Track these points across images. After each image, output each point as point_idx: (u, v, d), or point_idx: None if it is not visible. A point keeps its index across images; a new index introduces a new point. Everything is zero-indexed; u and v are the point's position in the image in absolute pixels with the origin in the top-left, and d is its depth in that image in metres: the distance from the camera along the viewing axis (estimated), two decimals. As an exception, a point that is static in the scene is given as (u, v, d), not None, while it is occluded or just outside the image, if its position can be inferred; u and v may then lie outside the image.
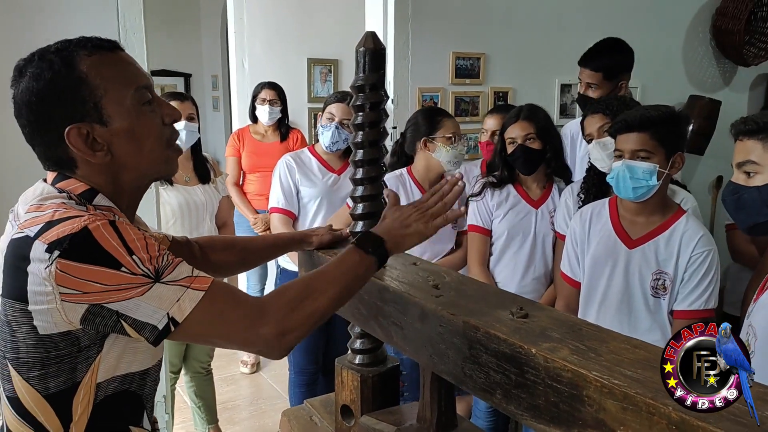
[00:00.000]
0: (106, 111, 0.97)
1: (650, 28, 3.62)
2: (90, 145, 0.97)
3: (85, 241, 0.87)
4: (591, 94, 2.42)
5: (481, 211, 2.27)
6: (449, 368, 1.05)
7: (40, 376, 0.94)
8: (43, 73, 0.95)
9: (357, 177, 1.32)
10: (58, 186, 0.99)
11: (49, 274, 0.87)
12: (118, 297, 0.88)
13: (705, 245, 1.72)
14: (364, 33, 1.30)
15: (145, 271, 0.89)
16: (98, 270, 0.87)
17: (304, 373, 2.61)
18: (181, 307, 0.90)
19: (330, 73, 4.37)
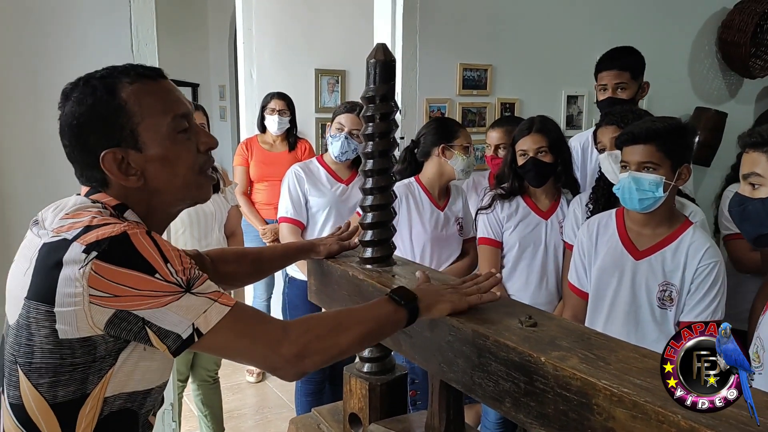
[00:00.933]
0: (141, 138, 1.00)
1: (656, 40, 3.64)
2: (124, 170, 1.00)
3: (123, 245, 0.90)
4: (621, 95, 2.39)
5: (492, 223, 2.27)
6: (458, 376, 1.05)
7: (50, 383, 0.94)
8: (86, 98, 0.99)
9: (367, 186, 1.33)
10: (92, 198, 1.02)
11: (82, 275, 0.89)
12: (148, 304, 0.90)
13: (711, 257, 1.72)
14: (374, 45, 1.32)
15: (177, 280, 0.91)
16: (133, 274, 0.89)
17: (311, 382, 2.62)
18: (207, 319, 0.92)
19: (337, 84, 4.40)
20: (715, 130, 3.94)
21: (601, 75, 2.44)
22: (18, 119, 2.07)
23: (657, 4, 3.71)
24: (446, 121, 2.50)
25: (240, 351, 0.97)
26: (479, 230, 2.31)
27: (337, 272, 1.38)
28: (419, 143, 2.41)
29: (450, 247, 2.41)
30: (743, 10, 3.92)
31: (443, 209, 2.40)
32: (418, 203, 2.34)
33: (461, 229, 2.44)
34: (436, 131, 2.38)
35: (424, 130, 2.44)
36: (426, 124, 2.51)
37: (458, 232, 2.43)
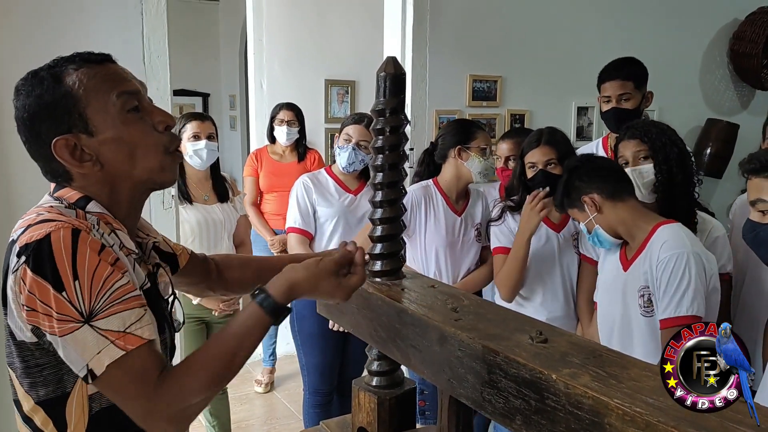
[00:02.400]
0: (91, 121, 0.98)
1: (668, 51, 3.63)
2: (78, 157, 0.98)
3: (43, 251, 0.88)
4: (625, 105, 2.37)
5: (504, 233, 2.25)
6: (468, 392, 1.04)
7: (29, 382, 0.96)
8: (33, 89, 0.98)
9: (376, 199, 1.33)
10: (56, 195, 1.01)
11: (15, 281, 0.90)
12: (52, 328, 0.88)
13: (670, 249, 1.66)
14: (384, 57, 1.32)
15: (79, 306, 0.87)
16: (44, 286, 0.87)
17: (319, 394, 2.61)
18: (100, 361, 0.88)
19: (347, 94, 4.42)
20: (727, 142, 3.92)
21: (604, 86, 2.43)
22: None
23: (668, 16, 3.70)
24: (465, 122, 2.50)
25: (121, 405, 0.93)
26: (492, 241, 2.29)
27: (346, 285, 1.37)
28: (437, 145, 2.41)
29: (466, 253, 2.40)
30: (755, 21, 3.91)
31: (461, 214, 2.39)
32: (435, 206, 2.33)
33: (479, 235, 2.43)
34: (454, 133, 2.38)
35: (442, 132, 2.45)
36: (445, 126, 2.52)
37: (476, 238, 2.42)
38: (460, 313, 1.14)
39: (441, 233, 2.32)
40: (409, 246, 2.35)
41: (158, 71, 2.23)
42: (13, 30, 2.10)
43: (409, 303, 1.20)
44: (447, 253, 2.34)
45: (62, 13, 2.16)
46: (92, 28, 2.18)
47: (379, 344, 1.30)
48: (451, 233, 2.34)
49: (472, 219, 2.42)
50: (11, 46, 2.09)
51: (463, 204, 2.41)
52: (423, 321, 1.13)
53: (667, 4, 3.70)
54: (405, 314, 1.18)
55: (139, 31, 2.21)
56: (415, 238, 2.35)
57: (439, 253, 2.34)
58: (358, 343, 1.53)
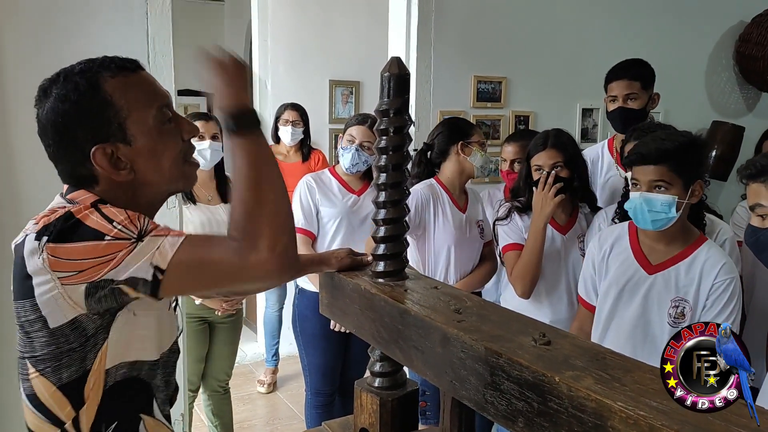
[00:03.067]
0: (130, 131, 1.00)
1: (673, 53, 3.62)
2: (114, 164, 1.00)
3: (68, 221, 0.91)
4: (631, 105, 2.38)
5: (514, 230, 2.24)
6: (470, 394, 1.04)
7: (54, 368, 0.98)
8: (69, 94, 0.98)
9: (380, 200, 1.33)
10: (69, 197, 1.02)
11: (44, 262, 0.91)
12: (109, 266, 0.90)
13: (728, 273, 1.68)
14: (389, 57, 1.32)
15: (127, 233, 0.91)
16: (85, 245, 0.90)
17: (321, 394, 2.61)
18: (162, 253, 0.91)
19: (351, 95, 4.42)
20: (732, 144, 3.90)
21: (610, 86, 2.43)
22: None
23: (673, 18, 3.69)
24: (458, 120, 2.52)
25: (212, 276, 0.93)
26: (501, 239, 2.28)
27: (349, 286, 1.37)
28: (433, 145, 2.41)
29: (473, 249, 2.41)
30: (761, 23, 3.89)
31: (464, 211, 2.39)
32: (442, 204, 2.34)
33: (482, 231, 2.44)
34: (452, 129, 2.39)
35: (437, 131, 2.44)
36: (437, 126, 2.52)
37: (479, 234, 2.43)
38: (463, 315, 1.13)
39: (450, 230, 2.33)
40: (417, 246, 2.36)
41: (163, 71, 2.23)
42: (19, 29, 2.11)
43: (411, 304, 1.20)
44: (456, 250, 2.35)
45: (67, 14, 2.16)
46: (97, 28, 2.19)
47: (382, 345, 1.30)
48: (459, 230, 2.35)
49: (475, 215, 2.43)
50: (17, 45, 2.10)
51: (464, 201, 2.42)
52: (426, 322, 1.13)
53: (673, 6, 3.69)
54: (407, 315, 1.18)
55: (144, 31, 2.22)
56: (424, 238, 2.35)
57: (450, 251, 2.35)
58: (360, 343, 1.53)
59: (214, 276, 0.93)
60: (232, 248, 0.91)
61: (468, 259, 2.40)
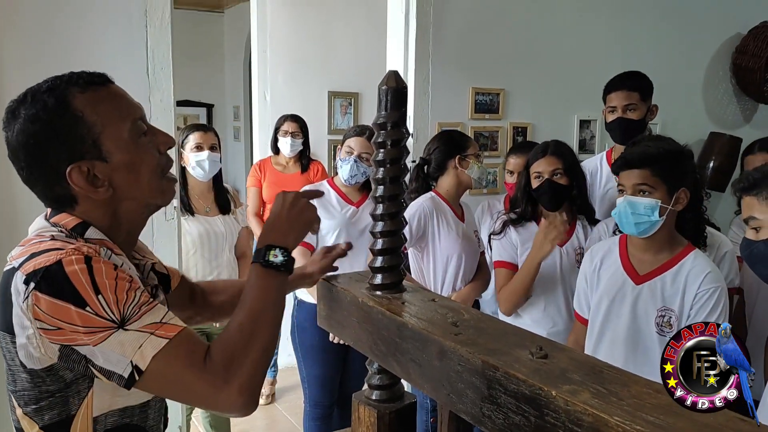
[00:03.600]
0: (105, 147, 0.97)
1: (670, 65, 3.64)
2: (91, 182, 0.97)
3: (56, 274, 0.87)
4: (630, 115, 2.39)
5: (506, 247, 2.26)
6: (467, 408, 1.04)
7: (35, 408, 0.94)
8: (38, 113, 0.94)
9: (377, 212, 1.33)
10: (53, 221, 0.99)
11: (27, 307, 0.87)
12: (85, 340, 0.86)
13: (712, 282, 1.69)
14: (387, 69, 1.32)
15: (109, 315, 0.87)
16: (66, 307, 0.86)
17: (319, 406, 2.60)
18: (143, 354, 0.87)
19: (350, 106, 4.43)
20: (730, 156, 3.91)
21: (610, 96, 2.45)
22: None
23: (670, 30, 3.71)
24: (453, 133, 2.54)
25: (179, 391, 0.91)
26: (494, 253, 2.30)
27: (346, 298, 1.37)
28: (430, 160, 2.42)
29: (475, 259, 2.44)
30: (757, 35, 3.92)
31: (463, 221, 2.42)
32: (444, 216, 2.36)
33: (479, 241, 2.49)
34: (448, 143, 2.41)
35: (433, 146, 2.46)
36: (432, 140, 2.53)
37: (477, 244, 2.47)
38: (460, 328, 1.13)
39: (456, 240, 2.35)
40: (422, 259, 2.38)
41: (162, 83, 2.24)
42: (19, 41, 2.12)
43: (409, 317, 1.20)
44: (464, 259, 2.37)
45: (67, 26, 2.17)
46: (97, 40, 2.20)
47: (379, 358, 1.30)
48: (464, 240, 2.37)
49: (472, 226, 2.45)
50: (17, 57, 2.10)
51: (461, 212, 2.44)
52: (423, 335, 1.13)
53: (670, 18, 3.71)
54: (405, 328, 1.18)
55: (143, 43, 2.23)
56: (428, 250, 2.37)
57: (460, 260, 2.38)
58: (359, 356, 1.53)
59: (182, 394, 0.93)
60: (207, 379, 0.89)
61: (471, 269, 2.43)
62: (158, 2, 2.23)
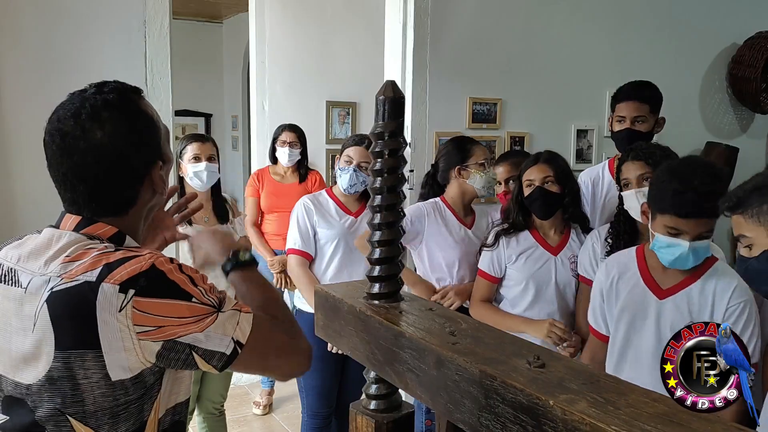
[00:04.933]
0: (163, 149, 1.05)
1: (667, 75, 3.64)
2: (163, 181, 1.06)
3: (157, 276, 0.91)
4: (639, 127, 2.39)
5: (493, 261, 2.25)
6: (465, 417, 1.03)
7: (111, 423, 0.94)
8: (118, 121, 0.97)
9: (375, 222, 1.33)
10: (85, 231, 0.98)
11: (126, 316, 0.88)
12: (191, 329, 0.92)
13: (741, 296, 1.65)
14: (384, 81, 1.33)
15: (210, 300, 0.95)
16: (173, 303, 0.91)
17: (318, 416, 2.59)
18: (242, 329, 0.96)
19: (348, 116, 4.44)
20: (727, 165, 3.92)
21: (619, 106, 2.44)
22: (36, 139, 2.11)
23: (667, 40, 3.74)
24: (460, 141, 2.53)
25: (276, 354, 1.03)
26: (480, 261, 2.31)
27: (344, 308, 1.37)
28: (438, 167, 2.45)
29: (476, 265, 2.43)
30: (753, 45, 3.94)
31: (470, 227, 2.42)
32: (446, 221, 2.38)
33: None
34: (451, 153, 2.44)
35: (440, 154, 2.51)
36: (442, 147, 2.56)
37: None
38: (458, 337, 1.13)
39: (457, 246, 2.37)
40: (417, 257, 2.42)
41: (160, 93, 2.25)
42: (19, 51, 2.13)
43: (406, 326, 1.20)
44: (462, 265, 2.39)
45: (67, 36, 2.18)
46: (96, 50, 2.21)
47: (377, 367, 1.30)
48: (465, 245, 2.38)
49: (481, 233, 2.46)
50: (17, 67, 2.11)
51: (471, 219, 2.46)
52: (420, 344, 1.13)
53: (666, 29, 3.74)
54: (402, 337, 1.18)
55: (142, 53, 2.24)
56: (421, 251, 2.39)
57: (457, 266, 2.40)
58: (357, 365, 1.52)
59: (275, 358, 1.05)
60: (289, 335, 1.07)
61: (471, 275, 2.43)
62: (157, 12, 2.24)
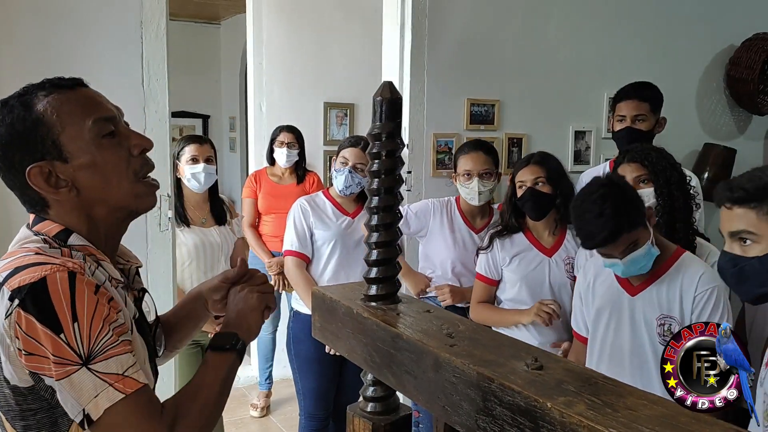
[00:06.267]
0: (66, 147, 0.96)
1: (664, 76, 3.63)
2: (53, 184, 0.97)
3: (39, 294, 0.85)
4: (639, 126, 2.40)
5: (489, 263, 2.27)
6: (463, 420, 1.03)
7: (23, 425, 0.93)
8: (5, 118, 0.96)
9: (372, 223, 1.33)
10: (35, 229, 0.99)
11: (9, 325, 0.86)
12: (51, 371, 0.86)
13: (708, 282, 1.67)
14: (381, 82, 1.33)
15: (78, 348, 0.85)
16: (43, 330, 0.85)
17: (315, 419, 2.58)
18: (98, 405, 0.86)
19: (346, 117, 4.44)
20: (725, 167, 3.93)
21: (619, 105, 2.46)
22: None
23: (664, 41, 3.74)
24: (459, 148, 2.58)
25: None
26: (478, 265, 2.31)
27: (341, 309, 1.36)
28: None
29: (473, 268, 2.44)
30: (750, 47, 3.94)
31: (479, 231, 2.42)
32: (453, 222, 2.38)
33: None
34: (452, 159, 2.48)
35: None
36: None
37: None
38: (456, 339, 1.13)
39: (446, 246, 2.38)
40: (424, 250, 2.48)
41: (157, 94, 2.24)
42: (16, 53, 2.12)
43: (404, 328, 1.19)
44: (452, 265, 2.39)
45: (63, 38, 2.18)
46: (93, 52, 2.20)
47: (374, 370, 1.29)
48: (464, 248, 2.39)
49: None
50: (13, 71, 2.11)
51: (484, 222, 2.45)
52: (418, 346, 1.12)
53: (663, 30, 3.74)
54: (400, 339, 1.17)
55: (138, 55, 2.23)
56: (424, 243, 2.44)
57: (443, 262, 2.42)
58: (354, 367, 1.52)
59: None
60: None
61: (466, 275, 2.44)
62: (154, 14, 2.24)
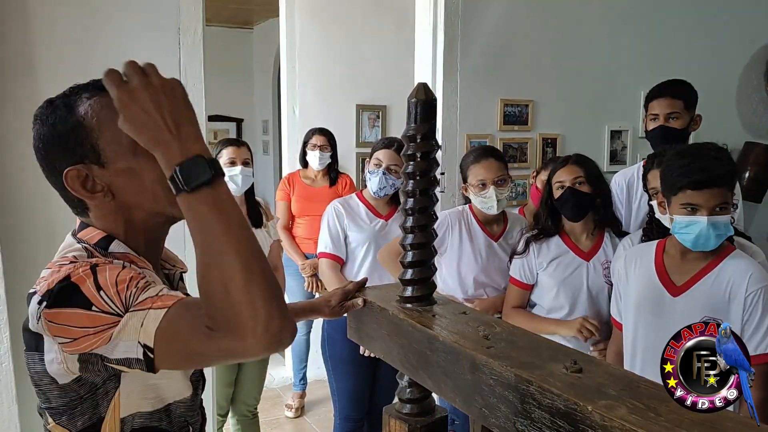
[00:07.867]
0: (104, 152, 0.96)
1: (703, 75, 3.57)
2: (89, 188, 0.97)
3: (64, 285, 0.87)
4: (672, 124, 2.34)
5: (524, 268, 2.23)
6: (500, 422, 1.02)
7: (69, 417, 0.96)
8: (48, 118, 0.97)
9: (407, 225, 1.33)
10: (79, 236, 1.00)
11: (43, 327, 0.88)
12: (99, 341, 0.86)
13: (758, 282, 1.62)
14: (415, 83, 1.33)
15: (112, 307, 0.85)
16: (75, 312, 0.86)
17: (350, 420, 2.59)
18: (147, 331, 0.84)
19: (378, 119, 4.45)
20: (766, 165, 3.83)
21: (652, 104, 2.40)
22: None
23: (703, 39, 3.66)
24: (465, 157, 2.50)
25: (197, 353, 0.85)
26: (512, 269, 2.29)
27: (376, 311, 1.37)
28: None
29: (502, 277, 2.40)
30: (792, 43, 3.84)
31: (497, 239, 2.40)
32: (472, 233, 2.35)
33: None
34: (460, 168, 2.43)
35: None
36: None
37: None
38: (492, 341, 1.12)
39: (477, 257, 2.34)
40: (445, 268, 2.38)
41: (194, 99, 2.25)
42: (54, 56, 2.17)
43: (440, 330, 1.19)
44: (472, 274, 2.36)
45: (103, 42, 2.23)
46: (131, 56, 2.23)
47: (410, 371, 1.29)
48: (486, 257, 2.35)
49: (510, 244, 2.42)
50: (51, 72, 2.16)
51: (501, 229, 2.42)
52: (454, 348, 1.12)
53: (702, 28, 3.66)
54: (436, 341, 1.17)
55: (176, 61, 2.27)
56: (449, 262, 2.37)
57: (476, 277, 2.36)
58: (389, 369, 1.52)
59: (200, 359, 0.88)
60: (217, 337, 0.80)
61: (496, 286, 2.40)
62: (191, 20, 2.28)
